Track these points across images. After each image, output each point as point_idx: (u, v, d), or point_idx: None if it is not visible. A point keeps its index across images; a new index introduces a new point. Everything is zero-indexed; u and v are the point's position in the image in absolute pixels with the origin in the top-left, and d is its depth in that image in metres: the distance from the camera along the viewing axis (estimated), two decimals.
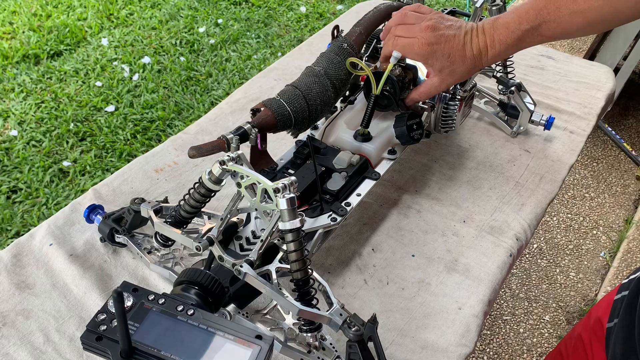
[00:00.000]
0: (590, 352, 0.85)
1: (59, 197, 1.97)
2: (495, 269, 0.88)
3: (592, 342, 0.85)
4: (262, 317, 0.76)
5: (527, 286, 1.91)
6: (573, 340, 0.92)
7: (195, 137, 1.10)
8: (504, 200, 1.00)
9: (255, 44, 2.82)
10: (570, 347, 0.93)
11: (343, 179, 0.85)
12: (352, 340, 0.64)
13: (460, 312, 0.82)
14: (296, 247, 0.67)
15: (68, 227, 0.90)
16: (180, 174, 1.01)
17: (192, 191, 0.74)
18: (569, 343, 0.94)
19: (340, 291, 0.84)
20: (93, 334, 0.54)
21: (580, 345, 0.89)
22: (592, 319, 0.87)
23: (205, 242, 0.70)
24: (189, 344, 0.54)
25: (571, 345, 0.93)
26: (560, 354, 0.97)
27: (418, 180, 1.03)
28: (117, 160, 2.12)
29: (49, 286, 0.81)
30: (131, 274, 0.84)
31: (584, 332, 0.88)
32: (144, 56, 2.65)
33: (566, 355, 0.94)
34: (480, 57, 0.82)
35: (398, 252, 0.90)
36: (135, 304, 0.57)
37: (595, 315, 0.86)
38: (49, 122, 2.26)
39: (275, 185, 0.65)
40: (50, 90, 2.42)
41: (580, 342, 0.89)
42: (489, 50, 0.81)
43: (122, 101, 2.39)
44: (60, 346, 0.74)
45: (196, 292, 0.63)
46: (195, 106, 2.40)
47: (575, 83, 1.30)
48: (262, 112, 0.83)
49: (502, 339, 1.76)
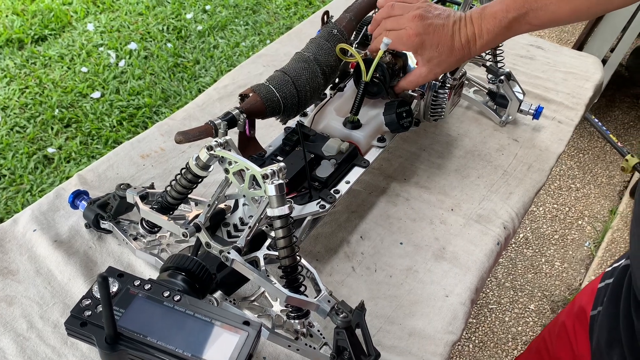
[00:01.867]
0: (574, 339, 0.86)
1: (43, 184, 1.94)
2: (483, 257, 0.89)
3: (576, 330, 0.86)
4: (249, 304, 0.76)
5: (512, 275, 1.93)
6: (557, 328, 0.93)
7: (182, 123, 1.08)
8: (492, 189, 1.00)
9: (243, 31, 2.79)
10: (554, 334, 0.94)
11: (332, 167, 0.85)
12: (340, 327, 0.64)
13: (447, 300, 0.82)
14: (285, 234, 0.66)
15: (52, 213, 0.88)
16: (167, 160, 1.00)
17: (179, 177, 0.73)
18: (552, 330, 0.95)
19: (328, 278, 0.84)
20: (77, 320, 0.53)
21: (564, 332, 0.90)
22: (575, 306, 0.88)
23: (192, 229, 0.69)
24: (176, 329, 0.53)
25: (555, 332, 0.94)
26: (544, 341, 0.98)
27: (407, 168, 1.03)
28: (103, 147, 2.09)
29: (32, 272, 0.80)
30: (117, 260, 0.83)
31: (568, 320, 0.89)
32: (131, 42, 2.61)
33: (550, 342, 0.95)
34: (469, 47, 0.81)
35: (386, 240, 0.90)
36: (120, 290, 0.56)
37: (579, 304, 0.87)
38: (33, 107, 2.22)
39: (263, 171, 0.64)
40: (34, 75, 2.38)
41: (564, 330, 0.90)
42: (477, 40, 0.81)
43: (108, 87, 2.35)
44: (44, 333, 0.73)
45: (183, 278, 0.62)
46: (183, 93, 2.37)
47: (563, 73, 1.30)
48: (251, 98, 0.82)
49: (488, 327, 1.78)
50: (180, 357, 0.52)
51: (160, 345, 0.52)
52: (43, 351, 0.71)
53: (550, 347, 0.94)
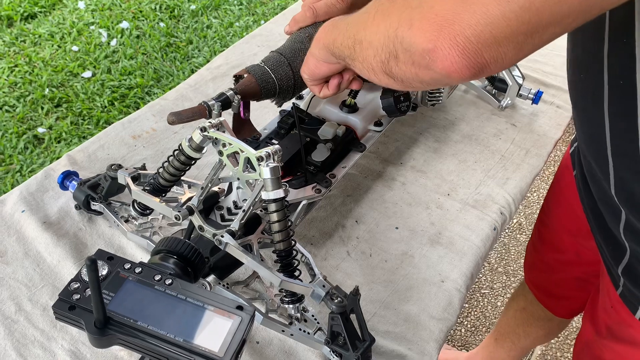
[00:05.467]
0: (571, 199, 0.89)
1: (33, 164, 1.91)
2: (479, 243, 0.88)
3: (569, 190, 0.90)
4: (242, 289, 0.75)
5: (505, 260, 1.93)
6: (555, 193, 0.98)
7: (175, 103, 1.06)
8: (489, 174, 0.99)
9: (237, 11, 2.74)
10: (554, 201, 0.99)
11: (328, 150, 0.83)
12: (335, 312, 0.64)
13: (443, 285, 0.82)
14: (279, 218, 0.65)
15: (41, 194, 0.86)
16: (159, 141, 0.98)
17: (172, 158, 0.71)
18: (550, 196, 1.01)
19: (323, 263, 0.83)
20: (66, 303, 0.52)
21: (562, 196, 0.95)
22: (562, 166, 0.93)
23: (185, 211, 0.67)
24: (167, 314, 0.52)
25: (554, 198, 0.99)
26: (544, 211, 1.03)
27: (403, 152, 1.02)
28: (94, 128, 2.06)
29: (20, 254, 0.78)
30: (107, 242, 0.82)
31: (563, 183, 0.94)
32: (122, 21, 2.56)
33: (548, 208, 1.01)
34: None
35: (382, 225, 0.89)
36: (110, 273, 0.55)
37: (565, 164, 0.92)
38: (22, 86, 2.18)
39: (258, 154, 0.63)
40: (24, 54, 2.33)
41: (561, 194, 0.95)
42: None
43: (100, 67, 2.31)
44: (32, 315, 0.72)
45: (175, 262, 0.61)
46: (175, 74, 2.34)
47: (563, 57, 1.28)
48: (246, 79, 0.80)
49: (480, 312, 1.79)
50: (172, 342, 0.51)
51: (151, 330, 0.51)
52: (32, 334, 0.70)
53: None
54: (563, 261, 1.00)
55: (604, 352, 0.80)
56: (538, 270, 1.11)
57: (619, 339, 0.77)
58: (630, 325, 0.72)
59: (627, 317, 0.72)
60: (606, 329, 0.79)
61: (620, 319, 0.74)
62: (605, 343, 0.80)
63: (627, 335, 0.74)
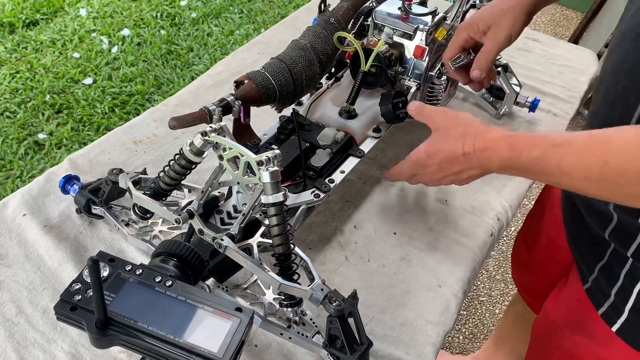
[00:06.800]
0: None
1: (34, 169, 1.92)
2: (476, 249, 0.89)
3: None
4: (242, 292, 0.75)
5: (503, 268, 1.94)
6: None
7: (175, 109, 1.07)
8: (485, 180, 0.99)
9: (238, 19, 2.77)
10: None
11: (327, 156, 0.84)
12: (333, 316, 0.64)
13: (440, 290, 0.82)
14: (279, 222, 0.66)
15: (43, 198, 0.87)
16: (160, 146, 0.99)
17: (173, 163, 0.72)
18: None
19: (322, 267, 0.84)
20: (67, 304, 0.53)
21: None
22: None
23: (185, 215, 0.68)
24: (167, 315, 0.53)
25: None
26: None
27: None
28: (95, 134, 2.07)
29: (22, 257, 0.79)
30: (108, 246, 0.82)
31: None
32: (124, 28, 2.58)
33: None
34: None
35: (380, 230, 0.90)
36: (111, 274, 0.55)
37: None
38: (24, 93, 2.19)
39: (258, 158, 0.64)
40: (25, 60, 2.35)
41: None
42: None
43: (101, 74, 2.33)
44: (33, 318, 0.72)
45: (175, 264, 0.62)
46: (176, 81, 2.35)
47: (559, 66, 1.30)
48: (246, 85, 0.81)
49: (478, 319, 1.79)
50: (172, 342, 0.51)
51: (151, 330, 0.52)
52: (32, 336, 0.70)
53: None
54: (543, 260, 1.05)
55: (562, 340, 0.85)
56: (522, 270, 1.16)
57: (578, 331, 0.81)
58: (592, 321, 0.76)
59: (591, 313, 0.76)
60: (568, 320, 0.83)
61: (584, 313, 0.78)
62: (566, 333, 0.84)
63: (586, 329, 0.79)
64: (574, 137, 0.57)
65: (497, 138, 0.66)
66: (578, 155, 0.56)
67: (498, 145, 0.65)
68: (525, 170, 0.62)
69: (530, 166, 0.61)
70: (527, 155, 0.61)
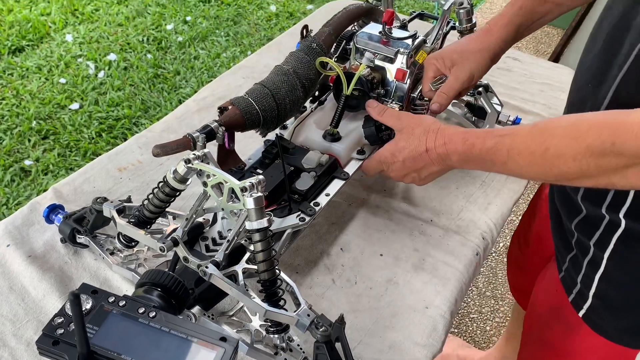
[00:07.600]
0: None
1: (20, 197, 1.91)
2: (462, 268, 0.89)
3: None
4: (228, 319, 0.75)
5: (493, 284, 1.94)
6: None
7: (161, 135, 1.07)
8: (470, 199, 1.01)
9: (224, 42, 2.79)
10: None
11: (312, 179, 0.84)
12: (320, 341, 0.64)
13: (427, 312, 0.82)
14: (263, 247, 0.66)
15: (27, 228, 0.86)
16: (145, 173, 0.99)
17: (157, 190, 0.72)
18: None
19: (309, 291, 0.84)
20: (49, 338, 0.52)
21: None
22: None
23: (169, 243, 0.68)
24: (151, 347, 0.52)
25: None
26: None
27: (386, 180, 1.03)
28: (81, 160, 2.06)
29: (5, 289, 0.78)
30: (93, 275, 0.82)
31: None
32: (110, 53, 2.59)
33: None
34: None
35: (366, 252, 0.90)
36: (94, 307, 0.55)
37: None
38: (9, 119, 2.19)
39: (242, 184, 0.64)
40: (11, 86, 2.35)
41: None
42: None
43: (87, 99, 2.33)
44: (16, 351, 0.71)
45: (159, 294, 0.61)
46: (163, 104, 2.36)
47: (539, 84, 1.32)
48: (230, 111, 0.82)
49: (469, 336, 1.79)
50: None
51: None
52: None
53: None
54: (532, 256, 1.10)
55: (545, 333, 0.91)
56: (514, 267, 1.24)
57: (558, 320, 0.87)
58: (566, 309, 0.82)
59: (565, 301, 0.82)
60: (550, 310, 0.88)
61: (560, 301, 0.83)
62: (549, 323, 0.90)
63: (562, 318, 0.84)
64: (519, 128, 0.67)
65: (454, 134, 0.74)
66: (524, 142, 0.64)
67: (455, 139, 0.73)
68: (479, 160, 0.70)
69: (485, 155, 0.69)
70: (481, 147, 0.69)
